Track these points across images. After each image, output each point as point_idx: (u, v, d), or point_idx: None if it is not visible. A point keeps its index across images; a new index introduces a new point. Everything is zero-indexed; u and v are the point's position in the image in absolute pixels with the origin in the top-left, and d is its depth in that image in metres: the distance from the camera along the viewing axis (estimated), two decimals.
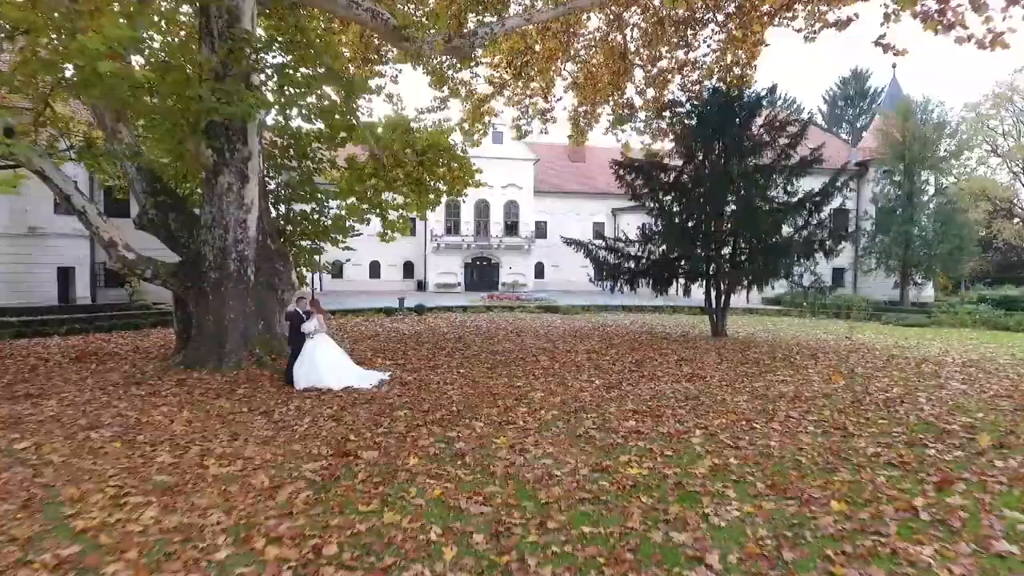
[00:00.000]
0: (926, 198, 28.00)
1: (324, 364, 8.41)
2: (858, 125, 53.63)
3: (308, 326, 8.45)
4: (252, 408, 7.34)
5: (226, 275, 9.38)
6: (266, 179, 11.02)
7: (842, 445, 5.86)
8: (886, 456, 5.50)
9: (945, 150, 28.98)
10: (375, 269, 40.05)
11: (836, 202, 15.71)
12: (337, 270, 38.07)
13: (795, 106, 46.67)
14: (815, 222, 13.99)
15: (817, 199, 13.60)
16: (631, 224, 36.56)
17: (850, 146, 36.73)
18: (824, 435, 6.24)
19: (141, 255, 9.47)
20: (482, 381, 9.08)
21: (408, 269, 41.17)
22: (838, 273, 30.98)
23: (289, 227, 11.58)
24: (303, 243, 11.94)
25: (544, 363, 10.84)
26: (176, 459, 5.39)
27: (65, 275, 22.27)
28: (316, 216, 11.83)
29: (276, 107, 9.11)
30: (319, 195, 11.47)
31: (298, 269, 11.51)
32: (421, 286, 39.79)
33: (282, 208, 11.78)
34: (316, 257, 12.20)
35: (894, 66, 32.52)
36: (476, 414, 7.07)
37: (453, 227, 39.97)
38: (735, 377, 9.55)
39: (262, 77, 9.64)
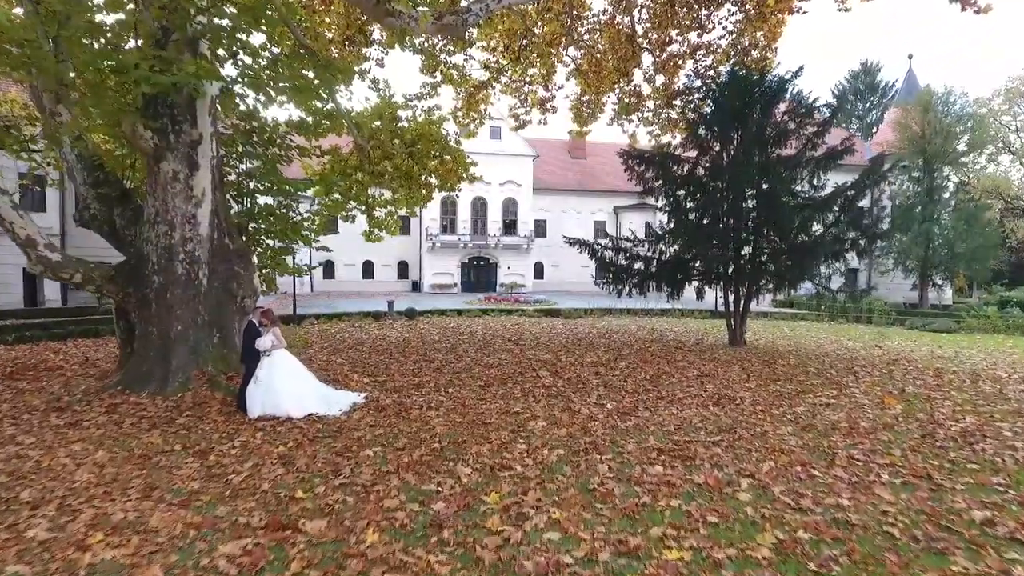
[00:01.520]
0: (947, 195, 26.59)
1: (283, 387, 6.99)
2: (868, 120, 52.24)
3: (263, 342, 7.03)
4: (188, 445, 5.95)
5: (172, 279, 7.97)
6: (225, 168, 9.59)
7: (937, 505, 4.49)
8: (1004, 526, 4.13)
9: (968, 144, 27.56)
10: (368, 269, 38.65)
11: (865, 199, 14.38)
12: (328, 270, 36.68)
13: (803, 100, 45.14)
14: (846, 219, 12.57)
15: (851, 193, 12.18)
16: (634, 223, 35.21)
17: (862, 140, 35.36)
18: (907, 488, 4.87)
19: (68, 256, 8.04)
20: (473, 405, 7.70)
21: (402, 269, 39.76)
22: (851, 274, 29.60)
23: (253, 224, 10.15)
24: (270, 242, 10.52)
25: (546, 380, 9.46)
26: (54, 533, 4.00)
27: (32, 276, 20.82)
28: (284, 211, 10.40)
29: (229, 81, 7.64)
30: (287, 187, 10.04)
31: (265, 271, 10.10)
32: (416, 287, 38.39)
33: (247, 203, 10.34)
34: (285, 258, 10.76)
35: (910, 57, 31.18)
36: (463, 453, 5.70)
37: (449, 225, 38.57)
38: (769, 399, 8.18)
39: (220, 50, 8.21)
